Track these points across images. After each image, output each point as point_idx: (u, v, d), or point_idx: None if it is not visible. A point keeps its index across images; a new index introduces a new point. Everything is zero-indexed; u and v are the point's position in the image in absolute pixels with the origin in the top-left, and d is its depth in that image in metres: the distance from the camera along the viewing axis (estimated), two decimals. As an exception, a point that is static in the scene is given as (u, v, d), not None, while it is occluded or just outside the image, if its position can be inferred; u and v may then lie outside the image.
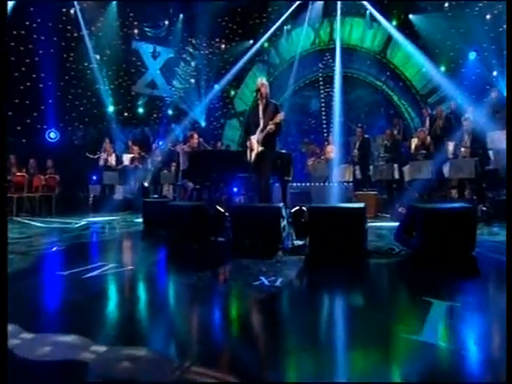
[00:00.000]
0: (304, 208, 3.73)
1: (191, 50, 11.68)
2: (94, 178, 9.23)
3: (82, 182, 9.05)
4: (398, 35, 9.88)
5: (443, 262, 2.87)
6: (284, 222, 3.67)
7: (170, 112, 12.02)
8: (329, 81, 11.17)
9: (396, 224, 5.31)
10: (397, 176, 6.55)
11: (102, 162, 8.76)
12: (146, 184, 8.22)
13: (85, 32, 9.44)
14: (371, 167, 6.89)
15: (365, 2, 9.81)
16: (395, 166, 6.53)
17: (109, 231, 4.98)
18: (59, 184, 8.22)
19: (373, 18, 10.07)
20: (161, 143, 10.82)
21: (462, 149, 5.89)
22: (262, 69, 11.91)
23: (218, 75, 11.87)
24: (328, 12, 10.65)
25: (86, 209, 8.04)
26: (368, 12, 10.07)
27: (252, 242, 3.51)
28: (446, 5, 8.93)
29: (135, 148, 9.20)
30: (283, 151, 5.94)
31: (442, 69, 9.65)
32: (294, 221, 3.70)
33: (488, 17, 8.69)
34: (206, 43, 11.64)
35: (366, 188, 7.04)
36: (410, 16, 9.55)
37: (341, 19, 10.52)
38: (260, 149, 4.54)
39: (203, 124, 12.22)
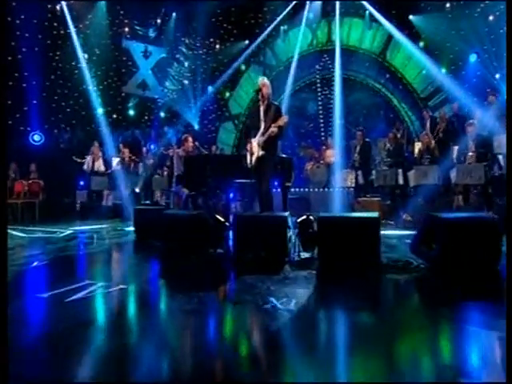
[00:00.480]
0: (311, 217, 3.51)
1: (184, 49, 11.44)
2: (82, 183, 8.87)
3: (68, 188, 8.68)
4: (398, 36, 9.80)
5: (468, 277, 2.66)
6: (290, 233, 3.43)
7: (162, 114, 11.74)
8: (326, 83, 11.03)
9: (404, 232, 5.21)
10: (401, 181, 6.38)
11: (86, 166, 8.41)
12: (137, 190, 7.90)
13: (72, 29, 9.12)
14: (374, 172, 6.70)
15: (364, 2, 9.70)
16: (399, 171, 6.36)
17: (97, 242, 4.66)
18: (43, 190, 7.86)
19: (372, 19, 9.97)
20: (152, 147, 10.53)
21: (470, 153, 5.74)
22: (257, 70, 11.71)
23: (212, 76, 11.64)
24: (326, 12, 10.53)
25: (72, 216, 7.68)
26: (367, 12, 9.97)
27: (256, 254, 3.26)
28: (448, 5, 8.86)
29: (126, 151, 8.89)
30: (283, 155, 5.71)
31: (443, 71, 9.58)
32: (300, 231, 3.47)
33: (490, 18, 8.64)
34: (199, 43, 11.41)
35: (369, 194, 6.86)
36: (410, 17, 9.47)
37: (339, 20, 10.41)
38: (261, 153, 4.32)
39: (197, 127, 11.95)
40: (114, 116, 11.07)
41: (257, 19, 11.25)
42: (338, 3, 10.01)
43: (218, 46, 11.47)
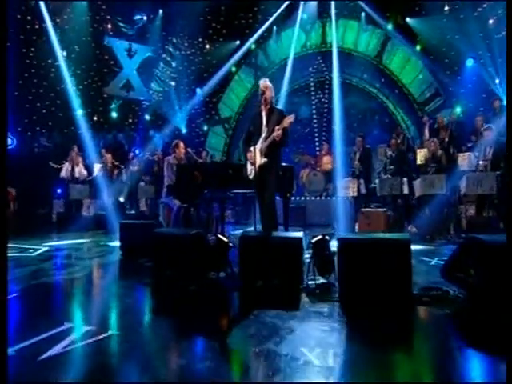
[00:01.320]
0: (327, 237, 3.14)
1: (171, 49, 10.98)
2: (59, 191, 8.26)
3: (44, 197, 8.05)
4: (394, 39, 9.68)
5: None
6: (304, 255, 3.05)
7: (147, 117, 11.21)
8: (321, 86, 10.80)
9: (416, 247, 4.91)
10: (406, 191, 6.12)
11: (64, 173, 7.82)
12: (121, 199, 7.36)
13: (49, 24, 8.52)
14: (377, 181, 6.43)
15: (360, 2, 9.52)
16: (405, 179, 6.10)
17: (77, 262, 4.14)
18: (15, 199, 7.22)
19: (368, 21, 9.80)
20: (137, 152, 10.00)
21: (481, 162, 5.53)
22: (248, 72, 11.39)
23: (201, 78, 11.22)
24: (320, 13, 10.31)
25: (48, 229, 7.06)
26: (363, 14, 9.80)
27: (266, 282, 2.85)
28: (446, 8, 8.78)
29: (108, 157, 8.33)
30: (283, 164, 5.35)
31: (440, 75, 9.49)
32: (315, 253, 3.09)
33: (487, 22, 8.58)
34: (187, 43, 10.98)
35: (372, 203, 6.58)
36: (407, 19, 9.34)
37: (332, 21, 10.21)
38: (263, 161, 3.94)
39: (184, 131, 11.48)
40: (95, 118, 10.48)
41: (247, 19, 10.92)
42: (333, 4, 9.80)
43: (207, 46, 11.05)
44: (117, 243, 5.28)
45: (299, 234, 3.02)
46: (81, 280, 3.33)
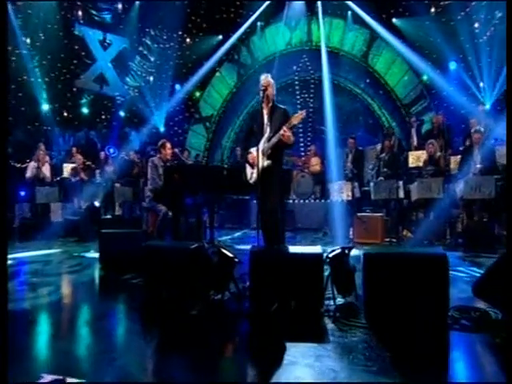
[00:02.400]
0: (346, 251, 2.79)
1: (149, 42, 10.32)
2: (22, 194, 7.44)
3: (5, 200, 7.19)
4: (381, 39, 9.58)
5: None
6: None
7: (121, 114, 10.48)
8: (305, 85, 10.54)
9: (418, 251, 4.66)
10: (402, 194, 5.93)
11: (29, 174, 7.06)
12: (96, 203, 6.70)
13: (9, 7, 7.66)
14: (371, 184, 6.21)
15: (349, 3, 9.34)
16: (400, 183, 5.91)
17: (47, 280, 3.53)
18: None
19: (355, 21, 9.64)
20: (112, 151, 9.28)
21: (478, 165, 5.42)
22: (231, 69, 10.93)
23: (181, 74, 10.64)
24: (306, 10, 10.03)
25: (9, 236, 6.27)
26: (349, 13, 9.63)
27: (282, 305, 2.45)
28: (433, 10, 8.76)
29: (79, 156, 7.61)
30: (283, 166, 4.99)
31: (425, 77, 9.50)
32: (334, 269, 2.73)
33: (471, 26, 8.63)
34: (166, 36, 10.37)
35: (364, 207, 6.35)
36: (394, 20, 9.26)
37: (318, 19, 9.98)
38: (266, 163, 3.55)
39: (162, 129, 10.86)
40: (64, 114, 9.65)
41: (229, 13, 10.47)
42: (319, 1, 9.56)
43: (188, 40, 10.48)
44: (94, 254, 4.72)
45: (318, 249, 2.64)
46: (52, 307, 2.76)
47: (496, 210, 5.23)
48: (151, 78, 10.40)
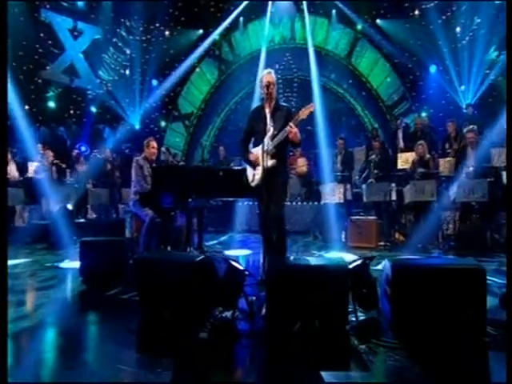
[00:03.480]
0: (367, 261, 2.58)
1: (124, 33, 9.74)
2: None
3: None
4: (364, 40, 9.60)
5: None
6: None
7: (93, 109, 9.82)
8: (288, 84, 10.37)
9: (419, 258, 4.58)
10: (394, 197, 5.86)
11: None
12: (69, 206, 6.12)
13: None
14: (364, 186, 6.10)
15: (337, 2, 9.26)
16: (393, 185, 5.84)
17: (17, 300, 3.03)
18: None
19: (339, 20, 9.59)
20: (84, 149, 8.65)
21: (471, 168, 5.44)
22: (211, 65, 10.56)
23: (158, 68, 10.14)
24: (290, 8, 9.86)
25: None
26: (334, 12, 9.56)
27: (305, 324, 2.19)
28: (417, 12, 8.85)
29: (51, 153, 6.99)
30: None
31: (407, 79, 9.62)
32: (355, 282, 2.50)
33: (452, 29, 8.80)
34: (143, 28, 9.83)
35: (358, 210, 6.25)
36: (378, 21, 9.29)
37: (302, 17, 9.85)
38: (270, 163, 3.28)
39: (138, 126, 10.30)
40: (27, 108, 8.86)
41: (209, 7, 10.10)
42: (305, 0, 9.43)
43: (167, 33, 9.99)
44: (70, 264, 4.24)
45: (342, 259, 2.41)
46: (30, 336, 2.33)
47: (488, 212, 5.27)
48: (127, 72, 9.82)
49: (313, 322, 2.19)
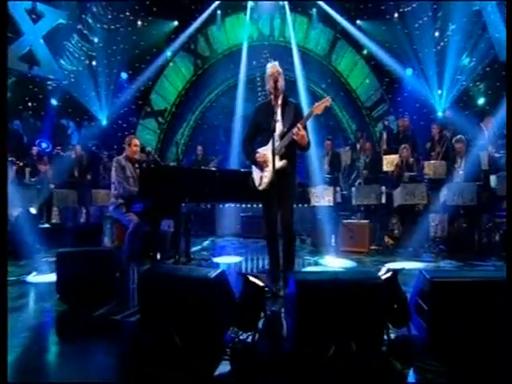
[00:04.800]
0: (396, 273, 2.41)
1: (90, 20, 9.04)
2: None
3: None
4: (344, 40, 9.64)
5: None
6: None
7: (54, 102, 9.03)
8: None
9: (415, 265, 4.54)
10: (384, 200, 5.85)
11: None
12: (32, 210, 5.49)
13: None
14: (353, 188, 6.04)
15: (320, 3, 9.20)
16: (383, 188, 5.83)
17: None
18: None
19: (319, 19, 9.56)
20: (44, 145, 7.91)
21: (461, 172, 5.55)
22: (186, 59, 10.11)
23: (128, 60, 9.52)
24: (270, 4, 9.67)
25: None
26: (314, 11, 9.52)
27: (339, 347, 1.98)
28: (396, 15, 9.01)
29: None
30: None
31: (385, 81, 9.79)
32: (385, 296, 2.33)
33: (430, 33, 9.04)
34: (112, 16, 9.19)
35: (345, 213, 6.17)
36: (358, 22, 9.36)
37: (282, 14, 9.72)
38: (281, 164, 3.07)
39: (105, 122, 9.63)
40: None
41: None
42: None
43: (139, 23, 9.41)
44: (39, 278, 3.75)
45: (373, 272, 2.22)
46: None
47: (476, 216, 5.39)
48: (94, 63, 9.13)
49: (349, 345, 1.98)
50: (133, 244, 3.76)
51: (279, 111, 3.18)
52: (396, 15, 8.97)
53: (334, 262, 4.73)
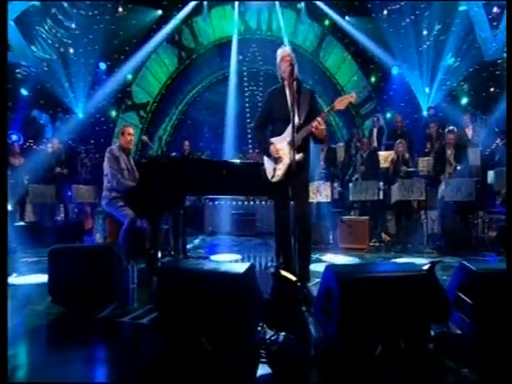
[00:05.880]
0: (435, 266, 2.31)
1: (66, 4, 8.54)
2: None
3: None
4: (332, 37, 9.66)
5: None
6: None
7: (24, 92, 8.44)
8: (255, 77, 10.06)
9: (420, 261, 4.51)
10: (381, 196, 5.84)
11: None
12: (8, 206, 5.03)
13: None
14: (350, 184, 5.99)
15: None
16: (381, 183, 5.81)
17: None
18: None
19: (308, 15, 9.52)
20: (15, 137, 7.37)
21: (453, 165, 5.62)
22: (170, 51, 9.77)
23: (107, 50, 9.08)
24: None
25: None
26: (303, 5, 9.47)
27: (387, 345, 1.84)
28: (385, 12, 9.11)
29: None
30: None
31: (373, 79, 9.89)
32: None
33: (417, 31, 9.20)
34: (89, 1, 8.73)
35: (339, 210, 6.12)
36: (346, 18, 9.40)
37: (270, 8, 9.61)
38: (298, 156, 2.91)
39: (81, 115, 9.13)
40: None
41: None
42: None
43: (120, 10, 8.99)
44: (21, 279, 3.40)
45: (416, 265, 2.11)
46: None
47: (473, 211, 5.47)
48: (71, 51, 8.63)
49: (397, 342, 1.85)
50: (129, 240, 3.49)
51: (294, 99, 3.02)
52: (385, 12, 9.07)
53: (337, 259, 4.63)
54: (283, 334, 2.01)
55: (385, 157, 6.78)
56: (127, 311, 2.49)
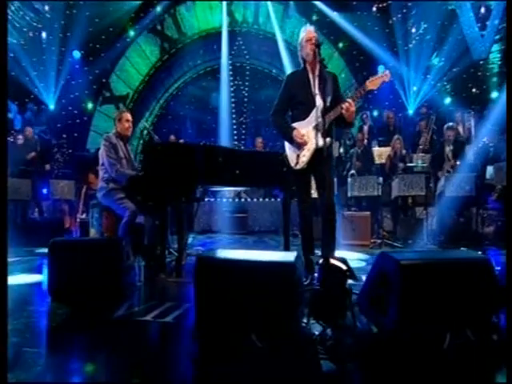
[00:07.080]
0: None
1: (38, -14, 8.05)
2: None
3: None
4: (320, 33, 9.67)
5: None
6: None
7: (-12, 80, 7.82)
8: (241, 71, 9.91)
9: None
10: (380, 192, 5.85)
11: None
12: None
13: None
14: (349, 179, 5.96)
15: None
16: (380, 179, 5.82)
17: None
18: None
19: (296, 9, 9.52)
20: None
21: (457, 162, 5.73)
22: (151, 41, 9.43)
23: (82, 37, 8.61)
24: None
25: None
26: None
27: (455, 336, 1.74)
28: (374, 9, 9.25)
29: None
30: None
31: (360, 75, 10.00)
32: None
33: (405, 29, 9.42)
34: (62, -18, 8.27)
35: (341, 206, 6.08)
36: (335, 13, 9.47)
37: (256, 2, 9.52)
38: (324, 141, 2.78)
39: (52, 107, 8.61)
40: None
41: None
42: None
43: (97, -5, 8.56)
44: (17, 278, 3.07)
45: (476, 253, 2.04)
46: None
47: (471, 206, 5.59)
48: (43, 35, 8.12)
49: (464, 333, 1.76)
50: (128, 235, 3.23)
51: (317, 82, 2.91)
52: (374, 9, 9.23)
53: (346, 255, 4.55)
54: (329, 326, 1.87)
55: (379, 153, 6.83)
56: (147, 309, 2.26)
